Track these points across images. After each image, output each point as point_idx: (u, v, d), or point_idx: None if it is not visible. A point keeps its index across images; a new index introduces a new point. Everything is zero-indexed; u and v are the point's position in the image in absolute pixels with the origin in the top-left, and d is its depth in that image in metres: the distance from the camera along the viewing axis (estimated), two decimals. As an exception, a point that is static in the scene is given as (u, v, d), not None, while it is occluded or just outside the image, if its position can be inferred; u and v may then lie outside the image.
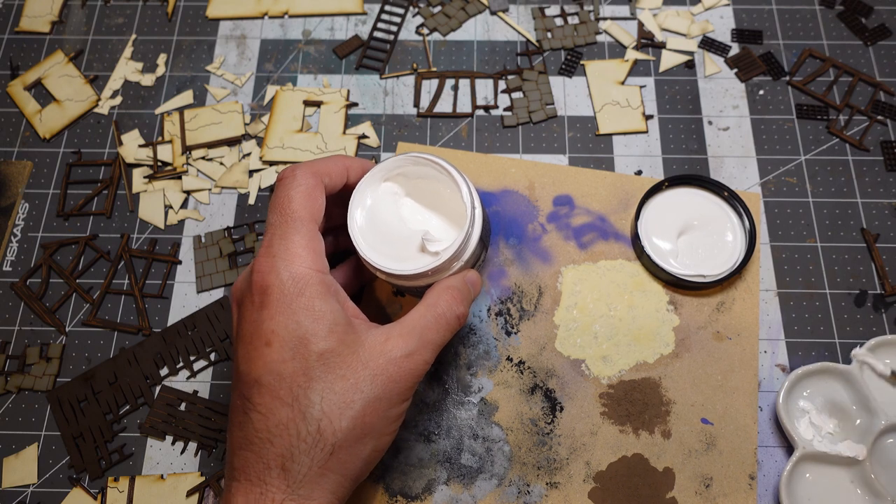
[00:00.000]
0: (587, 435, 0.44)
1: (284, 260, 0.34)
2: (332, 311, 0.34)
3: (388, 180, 0.40)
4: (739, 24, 0.57)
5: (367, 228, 0.39)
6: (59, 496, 0.44)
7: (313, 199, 0.36)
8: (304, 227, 0.35)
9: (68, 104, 0.55)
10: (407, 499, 0.43)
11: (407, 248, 0.39)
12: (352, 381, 0.34)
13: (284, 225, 0.35)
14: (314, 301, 0.34)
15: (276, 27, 0.58)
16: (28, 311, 0.49)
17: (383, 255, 0.38)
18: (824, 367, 0.44)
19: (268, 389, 0.33)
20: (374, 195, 0.40)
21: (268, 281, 0.34)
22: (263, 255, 0.35)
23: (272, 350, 0.33)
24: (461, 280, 0.39)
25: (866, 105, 0.54)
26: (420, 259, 0.38)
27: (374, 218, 0.39)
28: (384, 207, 0.40)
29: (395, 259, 0.38)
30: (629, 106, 0.54)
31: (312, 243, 0.35)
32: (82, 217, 0.52)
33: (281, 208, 0.36)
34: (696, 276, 0.47)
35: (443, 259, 0.37)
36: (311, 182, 0.37)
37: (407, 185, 0.41)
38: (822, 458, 0.43)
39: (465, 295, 0.39)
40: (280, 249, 0.35)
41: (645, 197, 0.49)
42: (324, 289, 0.34)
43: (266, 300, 0.34)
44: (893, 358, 0.45)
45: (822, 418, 0.44)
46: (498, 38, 0.57)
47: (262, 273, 0.34)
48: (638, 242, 0.48)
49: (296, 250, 0.34)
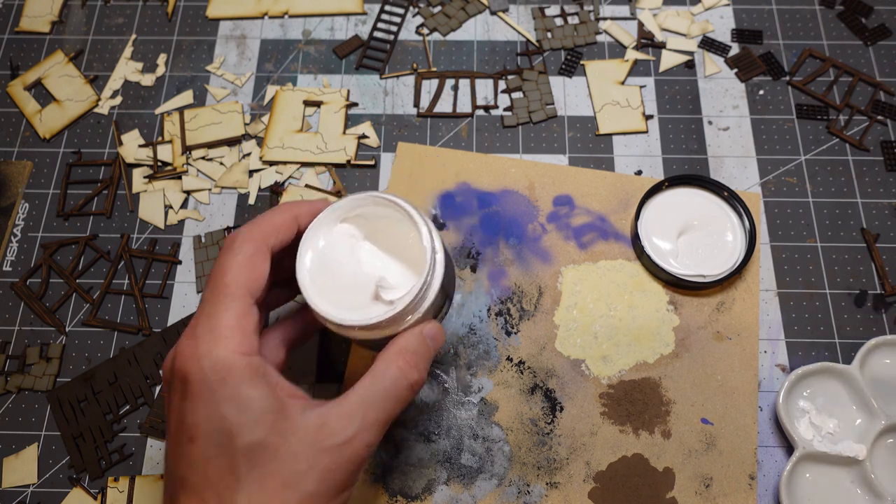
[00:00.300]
0: (587, 435, 0.44)
1: (207, 343, 0.31)
2: (260, 397, 0.31)
3: (346, 221, 0.37)
4: (739, 24, 0.57)
5: (318, 274, 0.35)
6: (60, 496, 0.44)
7: (251, 268, 0.33)
8: (235, 304, 0.32)
9: (68, 104, 0.55)
10: (407, 499, 0.43)
11: (361, 296, 0.36)
12: (283, 478, 0.30)
13: (214, 301, 0.32)
14: (239, 389, 0.31)
15: (276, 27, 0.58)
16: (28, 311, 0.49)
17: (334, 303, 0.35)
18: (824, 367, 0.44)
19: (193, 491, 0.30)
20: (328, 237, 0.36)
21: (188, 368, 0.31)
22: (187, 336, 0.32)
23: (196, 447, 0.30)
24: (417, 338, 0.35)
25: (866, 105, 0.54)
26: (373, 308, 0.35)
27: (328, 262, 0.36)
28: (339, 251, 0.37)
29: (348, 308, 0.35)
30: (629, 106, 0.54)
31: (242, 321, 0.32)
32: (82, 217, 0.52)
33: (214, 281, 0.33)
34: (696, 276, 0.47)
35: (398, 308, 0.33)
36: (249, 249, 0.34)
37: (366, 226, 0.38)
38: (822, 458, 0.43)
39: (420, 356, 0.35)
40: (204, 331, 0.32)
41: (645, 197, 0.49)
42: (251, 373, 0.31)
43: (187, 390, 0.31)
44: (894, 358, 0.45)
45: (822, 418, 0.44)
46: (498, 38, 0.57)
47: (183, 358, 0.31)
48: (638, 242, 0.48)
49: (221, 331, 0.31)
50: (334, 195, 0.51)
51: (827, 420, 0.44)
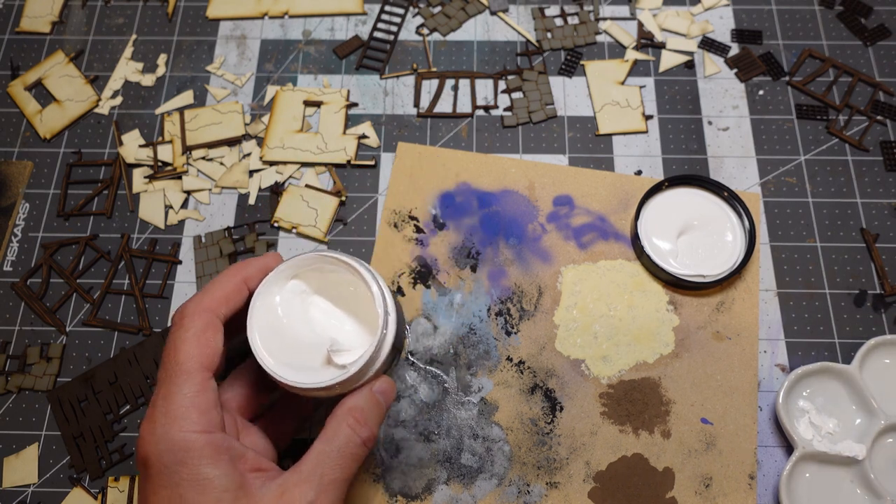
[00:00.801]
0: (587, 435, 0.45)
1: (164, 425, 0.31)
2: (219, 476, 0.31)
3: (297, 277, 0.37)
4: (739, 25, 0.57)
5: (269, 334, 0.35)
6: (60, 496, 0.44)
7: (203, 343, 0.33)
8: (190, 381, 0.32)
9: (69, 104, 0.56)
10: (407, 499, 0.43)
11: (314, 356, 0.36)
12: None
13: (168, 381, 0.33)
14: (199, 469, 0.31)
15: (276, 27, 0.58)
16: (28, 311, 0.49)
17: (287, 364, 0.35)
18: (824, 367, 0.44)
19: None
20: (280, 294, 0.36)
21: (147, 451, 0.31)
22: (146, 420, 0.32)
23: None
24: (367, 397, 0.36)
25: (866, 105, 0.54)
26: (325, 371, 0.35)
27: (279, 321, 0.36)
28: (291, 308, 0.37)
29: (301, 369, 0.35)
30: (629, 106, 0.54)
31: (199, 399, 0.32)
32: (82, 217, 0.52)
33: (166, 361, 0.33)
34: (696, 276, 0.47)
35: (350, 372, 0.34)
36: (199, 324, 0.34)
37: (318, 281, 0.38)
38: (822, 457, 0.43)
39: (370, 414, 0.35)
40: (160, 413, 0.32)
41: (645, 197, 0.49)
42: (211, 452, 0.31)
43: (148, 473, 0.31)
44: (893, 358, 0.45)
45: (822, 418, 0.44)
46: (498, 39, 0.57)
47: (142, 442, 0.32)
48: (638, 242, 0.48)
49: (178, 412, 0.32)
50: (334, 195, 0.51)
51: (827, 420, 0.44)
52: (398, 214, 0.50)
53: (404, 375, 0.46)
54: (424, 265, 0.49)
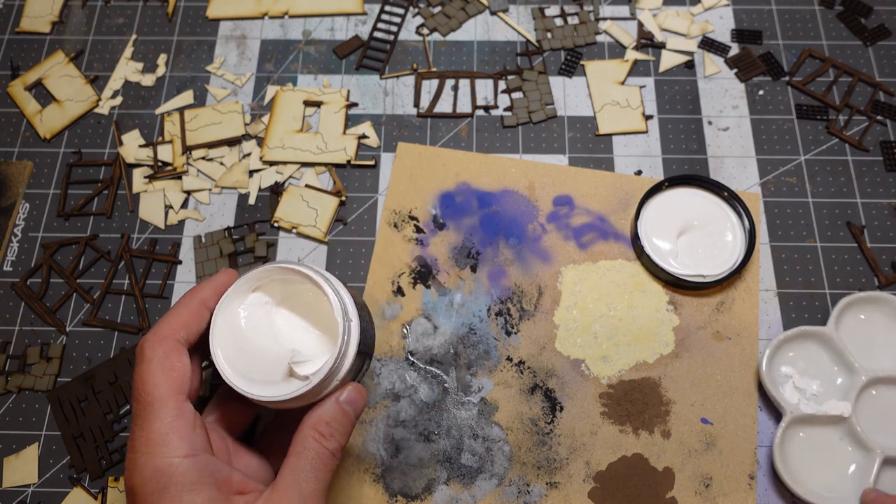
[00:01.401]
0: (587, 435, 0.45)
1: (145, 454, 0.31)
2: (203, 501, 0.31)
3: (258, 290, 0.37)
4: (739, 25, 0.57)
5: (232, 348, 0.35)
6: (60, 496, 0.44)
7: (168, 368, 0.33)
8: (165, 408, 0.32)
9: (68, 104, 0.56)
10: (407, 499, 0.43)
11: (274, 369, 0.35)
12: None
13: (142, 412, 0.33)
14: (181, 495, 0.31)
15: (276, 27, 0.58)
16: (28, 311, 0.49)
17: (250, 377, 0.35)
18: (802, 332, 0.45)
19: None
20: (242, 307, 0.36)
21: (132, 482, 0.32)
22: (129, 450, 0.32)
23: None
24: (333, 408, 0.35)
25: (866, 105, 0.54)
26: (288, 384, 0.34)
27: (241, 335, 0.36)
28: (254, 321, 0.36)
29: (265, 382, 0.35)
30: (629, 106, 0.54)
31: (177, 423, 0.32)
32: (82, 217, 0.52)
33: (136, 395, 0.33)
34: (696, 276, 0.47)
35: (312, 384, 0.34)
36: (160, 352, 0.34)
37: (281, 291, 0.38)
38: (810, 419, 0.43)
39: (336, 426, 0.35)
40: (140, 443, 0.32)
41: (645, 197, 0.49)
42: (194, 477, 0.31)
43: (134, 502, 0.32)
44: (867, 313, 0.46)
45: (805, 381, 0.45)
46: (498, 39, 0.57)
47: (127, 473, 0.32)
48: (638, 242, 0.48)
49: (157, 439, 0.32)
50: (334, 195, 0.51)
51: (810, 382, 0.45)
52: (398, 214, 0.50)
53: (404, 375, 0.46)
54: (424, 265, 0.49)
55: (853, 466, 0.43)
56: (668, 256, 0.48)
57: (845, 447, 0.43)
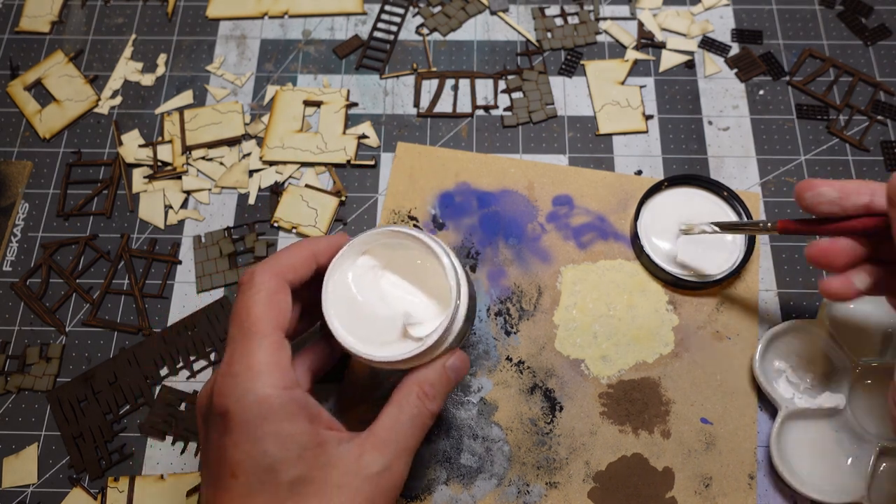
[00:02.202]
0: (587, 435, 0.44)
1: (246, 380, 0.31)
2: (300, 433, 0.32)
3: (366, 253, 0.38)
4: (739, 24, 0.57)
5: (343, 309, 0.36)
6: (59, 496, 0.44)
7: (274, 304, 0.34)
8: (266, 341, 0.33)
9: (68, 104, 0.56)
10: (406, 499, 0.43)
11: (388, 330, 0.36)
12: None
13: (244, 340, 0.33)
14: (280, 425, 0.31)
15: (276, 27, 0.58)
16: (28, 311, 0.49)
17: (362, 338, 0.36)
18: (792, 326, 0.45)
19: None
20: (352, 270, 0.37)
21: (228, 405, 0.31)
22: (224, 374, 0.32)
23: (238, 483, 0.31)
24: (438, 371, 0.36)
25: (866, 105, 0.54)
26: (402, 344, 0.36)
27: (352, 297, 0.37)
28: (363, 284, 0.37)
29: (376, 343, 0.36)
30: (629, 106, 0.54)
31: (276, 357, 0.33)
32: (82, 217, 0.52)
33: (240, 321, 0.33)
34: (696, 276, 0.47)
35: (426, 345, 0.34)
36: (271, 286, 0.34)
37: (387, 256, 0.38)
38: (806, 413, 0.43)
39: (439, 388, 0.36)
40: (241, 368, 0.32)
41: (644, 197, 0.49)
42: (292, 408, 0.32)
43: (228, 426, 0.31)
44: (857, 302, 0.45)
45: (799, 374, 0.45)
46: (498, 38, 0.57)
47: (222, 396, 0.32)
48: (637, 242, 0.48)
49: (258, 368, 0.32)
50: (334, 195, 0.51)
51: (803, 376, 0.45)
52: (398, 214, 0.50)
53: (404, 375, 0.46)
54: (424, 265, 0.49)
55: (850, 458, 0.43)
56: (668, 256, 0.48)
57: (842, 439, 0.43)
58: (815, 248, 0.37)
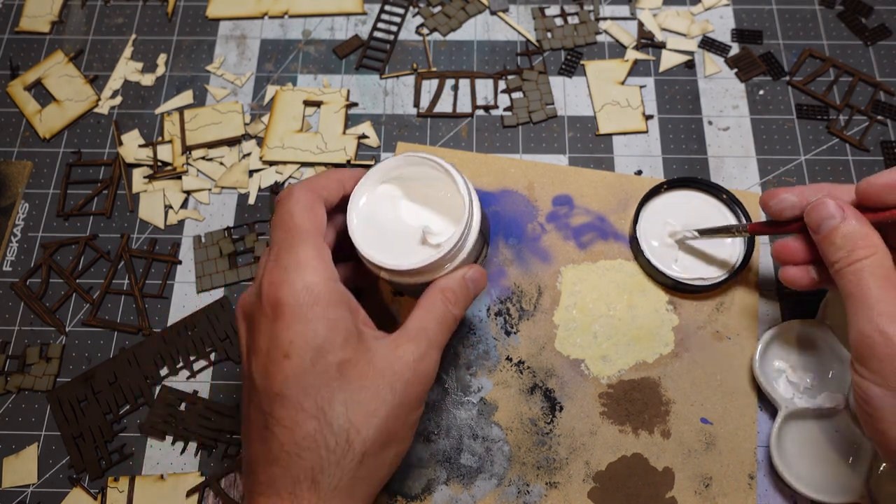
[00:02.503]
0: (587, 435, 0.44)
1: (295, 271, 0.34)
2: (345, 320, 0.34)
3: (385, 182, 0.41)
4: (739, 24, 0.57)
5: (366, 229, 0.39)
6: (59, 496, 0.44)
7: (314, 213, 0.36)
8: (311, 239, 0.35)
9: (68, 104, 0.56)
10: (406, 499, 0.43)
11: (407, 244, 0.39)
12: (372, 391, 0.34)
13: (290, 239, 0.35)
14: (328, 311, 0.34)
15: (276, 27, 0.58)
16: (28, 311, 0.49)
17: (385, 251, 0.38)
18: (792, 326, 0.45)
19: (291, 402, 0.33)
20: (371, 197, 0.40)
21: (280, 293, 0.34)
22: (273, 268, 0.35)
23: (292, 362, 0.33)
24: (458, 280, 0.39)
25: (866, 105, 0.54)
26: (421, 253, 0.38)
27: (373, 219, 0.39)
28: (382, 209, 0.40)
29: (396, 256, 0.38)
30: (629, 106, 0.54)
31: (321, 254, 0.35)
32: (82, 217, 0.52)
33: (284, 224, 0.36)
34: (696, 279, 0.47)
35: (444, 251, 0.37)
36: (309, 198, 0.37)
37: (403, 187, 0.41)
38: (805, 413, 0.43)
39: (460, 296, 0.39)
40: (290, 261, 0.34)
41: (643, 200, 0.49)
42: (337, 298, 0.34)
43: (280, 312, 0.33)
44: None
45: (798, 375, 0.45)
46: (498, 38, 0.57)
47: (274, 285, 0.34)
48: (637, 245, 0.48)
49: (306, 261, 0.34)
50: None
51: (803, 376, 0.45)
52: (398, 214, 0.50)
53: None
54: (424, 265, 0.49)
55: (850, 458, 0.43)
56: (668, 260, 0.47)
57: (842, 439, 0.43)
58: (778, 245, 0.41)
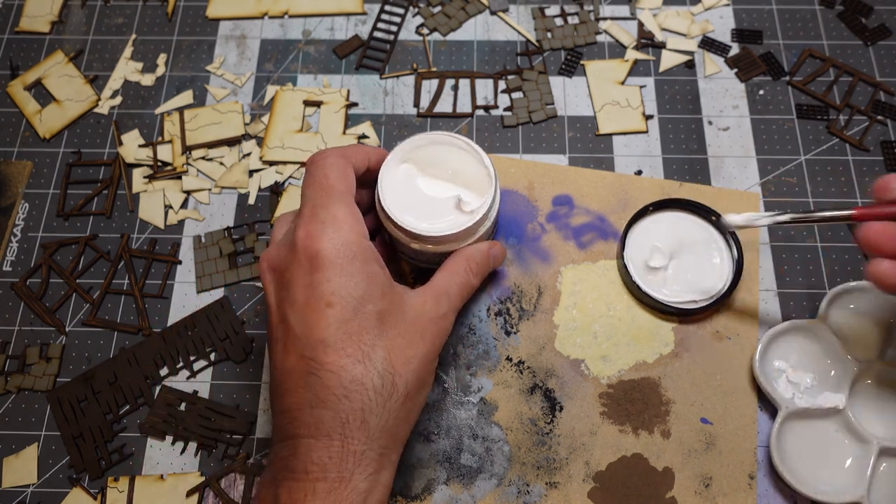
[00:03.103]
0: (587, 435, 0.44)
1: (333, 227, 0.35)
2: (380, 275, 0.36)
3: (409, 160, 0.42)
4: (739, 24, 0.57)
5: (397, 201, 0.41)
6: (59, 496, 0.44)
7: (346, 175, 0.38)
8: (345, 198, 0.37)
9: (68, 104, 0.56)
10: (406, 499, 0.43)
11: (436, 214, 0.41)
12: (408, 338, 0.36)
13: (325, 196, 0.37)
14: (366, 265, 0.36)
15: (276, 27, 0.58)
16: (28, 311, 0.49)
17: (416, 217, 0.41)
18: (792, 325, 0.45)
19: (336, 348, 0.34)
20: (397, 174, 0.42)
21: (319, 245, 0.35)
22: (310, 222, 0.36)
23: (335, 310, 0.34)
24: (482, 251, 0.42)
25: (866, 105, 0.54)
26: (454, 220, 0.41)
27: (401, 192, 0.41)
28: (409, 183, 0.42)
29: (429, 224, 0.41)
30: (629, 106, 0.54)
31: (354, 212, 0.37)
32: (82, 217, 0.52)
33: (318, 183, 0.37)
34: (689, 301, 0.46)
35: (477, 217, 0.40)
36: (342, 163, 0.38)
37: (427, 163, 0.43)
38: (806, 413, 0.43)
39: (482, 266, 0.42)
40: (327, 217, 0.36)
41: (629, 223, 0.48)
42: (371, 255, 0.36)
43: (319, 264, 0.35)
44: (857, 302, 0.46)
45: (799, 375, 0.45)
46: (498, 38, 0.57)
47: (312, 238, 0.35)
48: (626, 271, 0.47)
49: (342, 218, 0.36)
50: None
51: (803, 376, 0.45)
52: (398, 214, 0.50)
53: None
54: (424, 265, 0.49)
55: (850, 458, 0.43)
56: (658, 284, 0.47)
57: (841, 439, 0.43)
58: (872, 229, 0.35)
